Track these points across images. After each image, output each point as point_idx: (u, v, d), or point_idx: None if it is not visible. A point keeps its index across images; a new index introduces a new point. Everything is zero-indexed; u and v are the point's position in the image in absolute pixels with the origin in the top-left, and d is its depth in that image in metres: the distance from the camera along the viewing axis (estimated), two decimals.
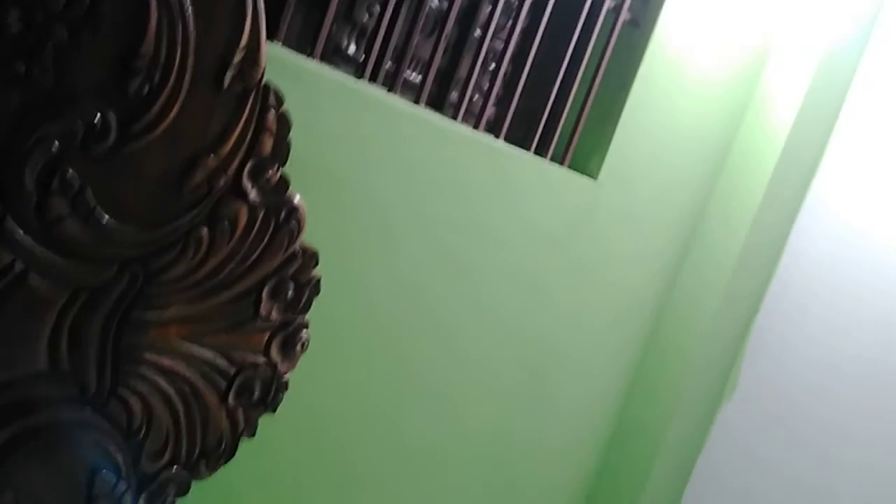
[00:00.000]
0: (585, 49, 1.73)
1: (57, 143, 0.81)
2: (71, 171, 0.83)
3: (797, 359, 2.27)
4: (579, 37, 1.71)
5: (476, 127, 1.62)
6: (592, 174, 1.82)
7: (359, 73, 1.40)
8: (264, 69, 0.93)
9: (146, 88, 0.85)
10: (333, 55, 1.43)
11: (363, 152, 1.37)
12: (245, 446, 1.11)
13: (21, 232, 0.81)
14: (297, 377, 1.14)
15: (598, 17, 1.72)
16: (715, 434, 2.31)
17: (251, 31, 0.91)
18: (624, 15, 1.77)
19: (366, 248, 1.45)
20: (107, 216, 0.86)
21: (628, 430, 2.20)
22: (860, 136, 2.14)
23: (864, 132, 2.13)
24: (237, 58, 0.90)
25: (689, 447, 2.27)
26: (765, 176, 2.03)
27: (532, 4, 1.65)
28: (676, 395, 2.17)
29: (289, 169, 1.02)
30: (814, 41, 2.03)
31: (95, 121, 0.83)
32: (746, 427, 2.29)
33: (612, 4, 1.75)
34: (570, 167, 1.78)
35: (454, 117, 1.56)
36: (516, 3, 1.65)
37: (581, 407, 2.06)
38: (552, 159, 1.75)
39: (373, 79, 1.42)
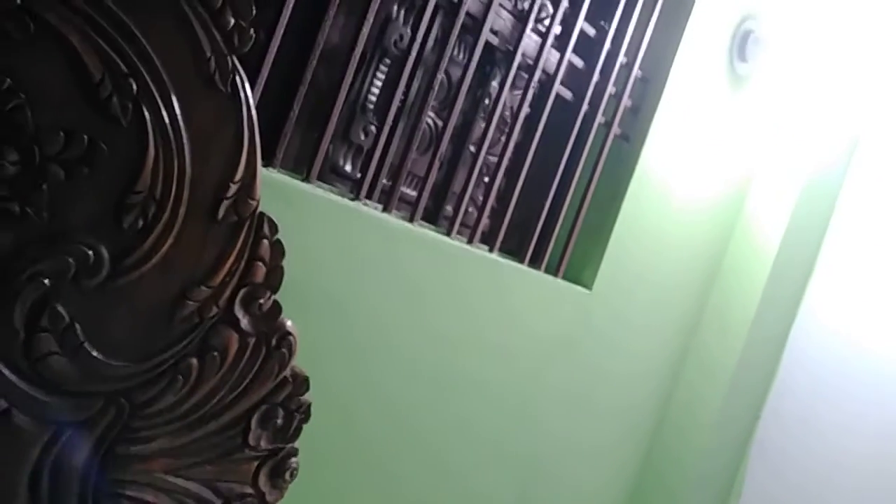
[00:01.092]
0: (577, 163, 1.77)
1: (48, 280, 0.80)
2: (60, 306, 0.82)
3: (799, 470, 2.23)
4: (571, 151, 1.75)
5: (471, 240, 1.63)
6: (587, 285, 1.82)
7: (355, 191, 1.42)
8: (258, 201, 0.94)
9: (140, 223, 0.86)
10: (330, 174, 1.46)
11: (359, 271, 1.38)
12: None
13: (6, 370, 0.80)
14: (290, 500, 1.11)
15: (589, 132, 1.77)
16: None
17: (247, 164, 0.92)
18: (614, 130, 1.82)
19: (361, 363, 1.44)
20: (95, 351, 0.85)
21: None
22: (850, 249, 2.17)
23: (853, 246, 2.17)
24: (232, 191, 0.91)
25: None
26: (758, 286, 2.04)
27: (525, 120, 1.69)
28: (683, 494, 2.12)
29: (284, 291, 1.01)
30: (801, 154, 2.08)
31: (88, 256, 0.83)
32: None
33: (603, 120, 1.80)
34: (564, 278, 1.79)
35: (449, 230, 1.58)
36: (509, 119, 1.69)
37: None
38: (546, 270, 1.76)
39: (369, 196, 1.43)
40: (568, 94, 1.73)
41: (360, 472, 1.47)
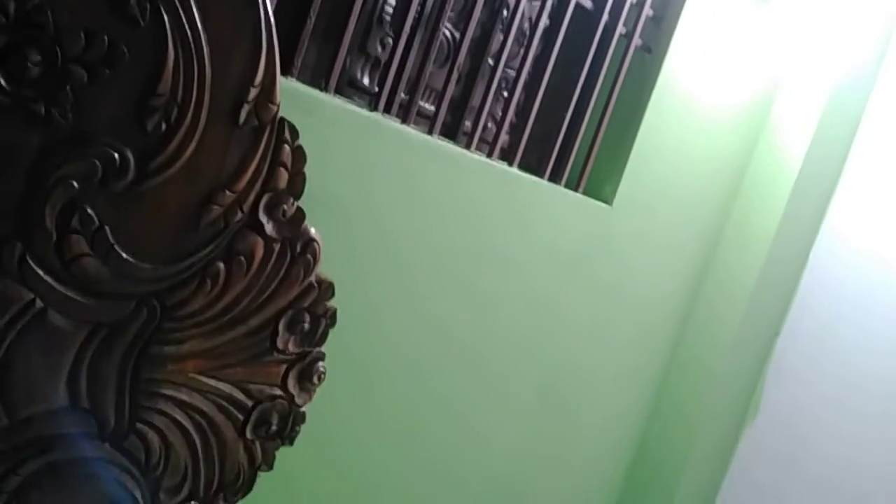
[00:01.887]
0: (598, 75, 1.74)
1: (76, 182, 0.82)
2: (90, 209, 0.84)
3: (820, 377, 2.25)
4: (591, 63, 1.72)
5: (490, 155, 1.62)
6: (607, 200, 1.82)
7: (373, 105, 1.42)
8: (279, 105, 0.94)
9: (163, 126, 0.86)
10: (348, 87, 1.45)
11: (378, 183, 1.38)
12: (263, 479, 1.11)
13: (41, 271, 0.82)
14: (315, 409, 1.14)
15: (609, 43, 1.74)
16: (741, 452, 2.28)
17: (266, 68, 0.92)
18: (636, 41, 1.78)
19: (382, 278, 1.46)
20: (125, 253, 0.87)
21: (652, 450, 2.18)
22: (876, 160, 2.14)
23: (880, 157, 2.13)
24: (252, 94, 0.91)
25: (714, 466, 2.24)
26: (781, 198, 2.02)
27: (544, 32, 1.66)
28: (700, 414, 2.15)
29: (304, 201, 1.02)
30: (826, 67, 2.03)
31: (114, 159, 0.84)
32: (772, 445, 2.26)
33: (624, 31, 1.76)
34: (584, 193, 1.78)
35: (468, 146, 1.57)
36: (528, 31, 1.66)
37: (603, 426, 2.05)
38: (566, 186, 1.76)
39: (387, 110, 1.43)
40: (588, 4, 1.70)
41: (385, 375, 1.51)
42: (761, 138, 2.06)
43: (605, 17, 1.71)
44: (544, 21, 1.63)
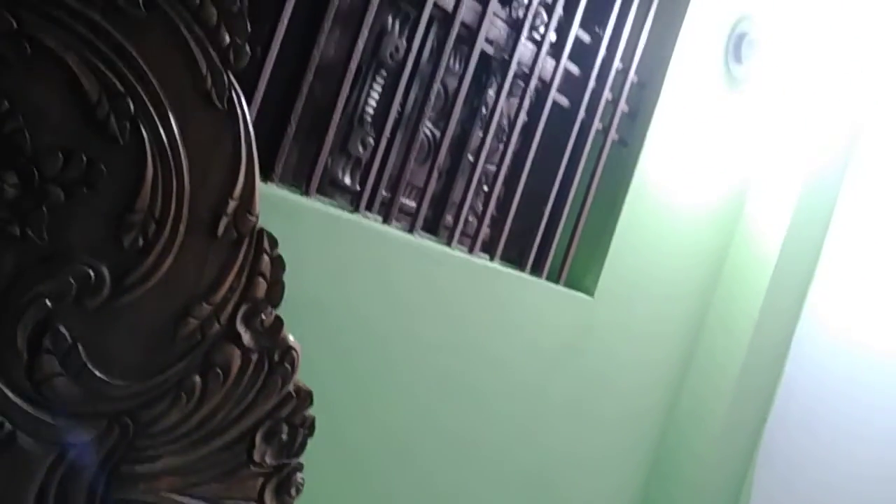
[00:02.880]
0: (576, 169, 1.77)
1: (49, 301, 0.80)
2: (62, 328, 0.82)
3: (810, 462, 2.23)
4: (569, 158, 1.75)
5: (471, 249, 1.63)
6: (589, 291, 1.82)
7: (355, 203, 1.42)
8: (258, 216, 0.94)
9: (140, 241, 0.86)
10: (329, 186, 1.46)
11: (360, 283, 1.38)
12: None
13: (10, 393, 0.80)
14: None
15: (587, 138, 1.77)
16: None
17: (245, 180, 0.92)
18: (612, 136, 1.82)
19: (367, 377, 1.43)
20: (97, 371, 0.85)
21: None
22: (851, 251, 2.17)
23: (855, 248, 2.17)
24: (231, 207, 0.91)
25: None
26: (760, 287, 2.04)
27: (522, 129, 1.69)
28: (691, 500, 2.11)
29: (286, 305, 1.01)
30: (799, 156, 2.08)
31: (89, 276, 0.83)
32: None
33: (601, 126, 1.80)
34: (566, 285, 1.79)
35: (449, 241, 1.58)
36: (507, 128, 1.69)
37: None
38: (548, 278, 1.76)
39: (368, 208, 1.44)
40: (564, 101, 1.74)
41: (356, 489, 1.46)
42: (738, 229, 2.09)
43: (582, 113, 1.75)
44: (522, 118, 1.67)
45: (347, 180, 1.49)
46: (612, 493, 2.05)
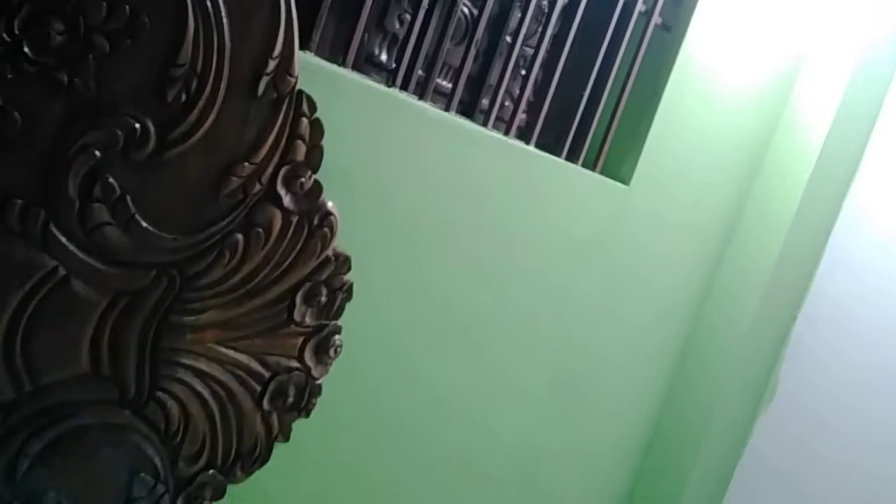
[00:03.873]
0: (616, 54, 1.73)
1: (98, 151, 0.83)
2: (111, 178, 0.85)
3: (838, 360, 2.23)
4: (610, 41, 1.71)
5: (507, 133, 1.62)
6: (625, 180, 1.81)
7: (390, 81, 1.42)
8: (297, 77, 0.94)
9: (184, 96, 0.87)
10: (365, 63, 1.45)
11: (394, 160, 1.38)
12: (279, 450, 1.12)
13: (64, 238, 0.83)
14: (329, 382, 1.15)
15: (629, 21, 1.72)
16: (756, 436, 2.27)
17: (284, 40, 0.92)
18: (655, 19, 1.76)
19: (397, 255, 1.46)
20: (145, 223, 0.88)
21: (667, 433, 2.18)
22: None
23: None
24: (271, 66, 0.92)
25: (729, 450, 2.23)
26: (801, 180, 2.00)
27: (562, 10, 1.65)
28: (715, 398, 2.14)
29: (321, 175, 1.03)
30: (849, 46, 2.00)
31: (135, 128, 0.85)
32: (789, 427, 2.26)
33: (644, 9, 1.74)
34: (601, 173, 1.78)
35: (485, 123, 1.57)
36: (546, 9, 1.65)
37: (617, 412, 2.05)
38: (584, 165, 1.75)
39: (404, 86, 1.43)
40: None
41: (394, 357, 1.51)
42: (783, 117, 2.03)
43: None
44: None
45: (383, 57, 1.48)
46: (636, 387, 2.09)
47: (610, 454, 2.08)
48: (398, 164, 1.39)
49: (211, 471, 1.05)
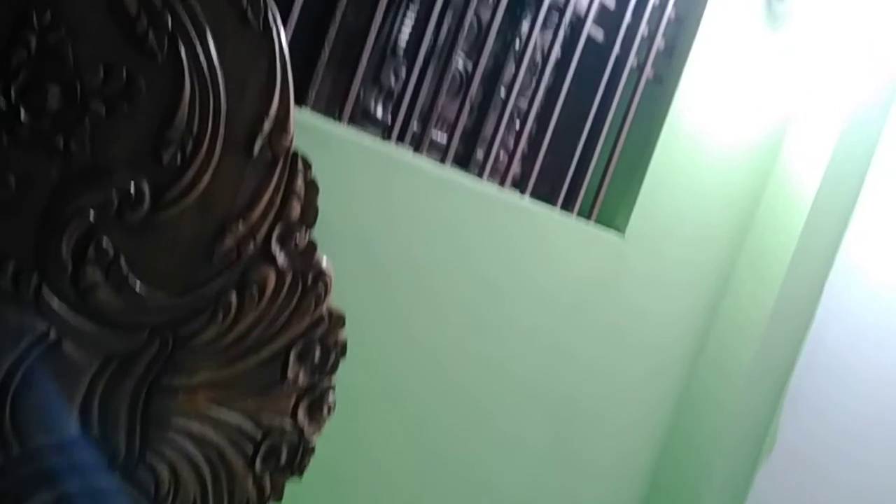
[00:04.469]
0: (609, 106, 1.75)
1: (93, 213, 0.83)
2: (105, 240, 0.84)
3: (837, 410, 2.22)
4: (603, 94, 1.73)
5: (502, 184, 1.63)
6: (620, 229, 1.81)
7: (386, 135, 1.43)
8: (293, 137, 0.95)
9: (179, 158, 0.87)
10: (361, 117, 1.46)
11: (390, 213, 1.39)
12: None
13: (56, 301, 0.83)
14: (323, 441, 1.13)
15: (621, 74, 1.74)
16: (757, 488, 2.25)
17: (280, 100, 0.93)
18: (647, 73, 1.79)
19: (393, 309, 1.45)
20: (139, 284, 0.88)
21: (665, 488, 2.15)
22: (890, 195, 2.13)
23: (894, 191, 2.12)
24: (266, 127, 0.92)
25: (730, 502, 2.21)
26: (795, 230, 2.01)
27: (556, 64, 1.67)
28: (714, 450, 2.13)
29: (317, 231, 1.03)
30: (838, 102, 2.03)
31: (130, 191, 0.85)
32: (789, 479, 2.23)
33: (636, 63, 1.77)
34: (596, 223, 1.78)
35: (480, 175, 1.58)
36: (540, 62, 1.67)
37: (614, 467, 2.02)
38: (579, 215, 1.76)
39: (400, 140, 1.44)
40: (599, 36, 1.71)
41: (390, 413, 1.50)
42: (774, 170, 2.06)
43: (617, 49, 1.72)
44: (556, 53, 1.65)
45: (379, 112, 1.49)
46: (634, 441, 2.07)
47: None
48: (394, 217, 1.40)
49: None
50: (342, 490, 1.45)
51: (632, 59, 1.75)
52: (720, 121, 1.92)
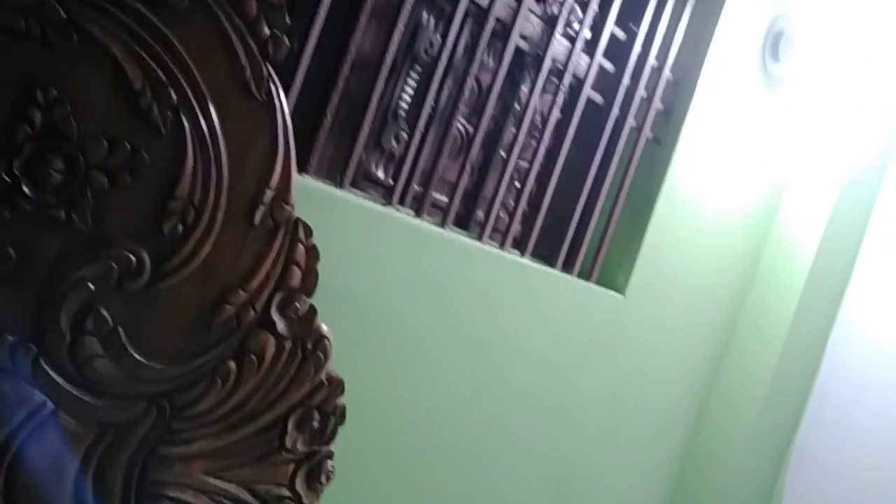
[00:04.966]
0: (609, 166, 1.77)
1: (92, 284, 0.83)
2: (104, 311, 0.84)
3: (843, 465, 2.20)
4: (603, 155, 1.75)
5: (502, 245, 1.63)
6: (620, 290, 1.81)
7: (387, 197, 1.44)
8: (294, 206, 0.95)
9: (180, 228, 0.88)
10: (363, 180, 1.47)
11: (392, 276, 1.39)
12: None
13: (53, 373, 0.82)
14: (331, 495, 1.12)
15: (620, 135, 1.77)
16: None
17: (282, 170, 0.94)
18: (646, 133, 1.81)
19: (394, 368, 1.45)
20: (137, 354, 0.87)
21: None
22: (890, 254, 2.13)
23: (893, 252, 2.13)
24: (268, 196, 0.93)
25: None
26: (795, 290, 2.02)
27: (556, 125, 1.69)
28: None
29: (318, 295, 1.03)
30: (835, 164, 2.05)
31: (130, 261, 0.85)
32: None
33: (635, 124, 1.79)
34: (597, 283, 1.78)
35: (480, 235, 1.58)
36: (540, 124, 1.69)
37: None
38: (579, 275, 1.76)
39: (401, 202, 1.45)
40: (598, 99, 1.73)
41: (386, 477, 1.48)
42: (773, 230, 2.07)
43: (616, 110, 1.74)
44: (556, 115, 1.67)
45: (381, 174, 1.50)
46: (639, 495, 2.04)
47: None
48: (396, 279, 1.40)
49: None
50: None
51: (630, 121, 1.77)
52: (718, 181, 1.94)
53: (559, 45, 1.61)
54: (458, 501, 1.61)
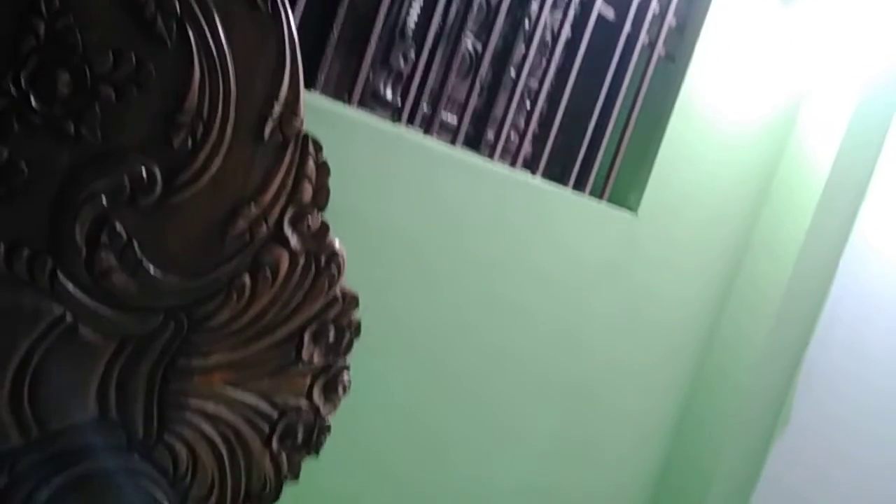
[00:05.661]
0: (621, 85, 1.74)
1: (105, 198, 0.83)
2: (118, 224, 0.85)
3: (851, 386, 2.22)
4: (615, 73, 1.72)
5: (513, 165, 1.63)
6: (632, 208, 1.81)
7: (396, 117, 1.43)
8: (303, 120, 0.95)
9: (190, 142, 0.88)
10: (371, 100, 1.46)
11: (401, 195, 1.39)
12: (289, 490, 1.12)
13: (71, 286, 0.84)
14: (339, 419, 1.15)
15: (632, 53, 1.73)
16: (771, 463, 2.25)
17: (290, 83, 0.93)
18: (659, 50, 1.77)
19: (404, 289, 1.46)
20: (152, 267, 0.89)
21: (679, 469, 2.16)
22: None
23: None
24: (276, 110, 0.92)
25: (744, 477, 2.21)
26: (809, 207, 2.00)
27: (566, 43, 1.66)
28: (728, 426, 2.13)
29: (329, 214, 1.03)
30: (852, 76, 2.01)
31: (142, 175, 0.85)
32: (803, 455, 2.24)
33: (647, 40, 1.76)
34: (609, 202, 1.78)
35: (491, 156, 1.57)
36: (550, 42, 1.66)
37: (627, 449, 2.03)
38: (591, 194, 1.75)
39: (410, 122, 1.44)
40: (610, 14, 1.70)
41: (394, 401, 1.50)
42: (788, 146, 2.04)
43: (628, 27, 1.71)
44: (566, 32, 1.64)
45: (389, 94, 1.49)
46: (648, 420, 2.07)
47: (621, 492, 2.06)
48: (405, 199, 1.40)
49: None
50: (360, 465, 1.46)
51: (643, 38, 1.74)
52: (733, 98, 1.91)
53: None
54: (468, 424, 1.64)
